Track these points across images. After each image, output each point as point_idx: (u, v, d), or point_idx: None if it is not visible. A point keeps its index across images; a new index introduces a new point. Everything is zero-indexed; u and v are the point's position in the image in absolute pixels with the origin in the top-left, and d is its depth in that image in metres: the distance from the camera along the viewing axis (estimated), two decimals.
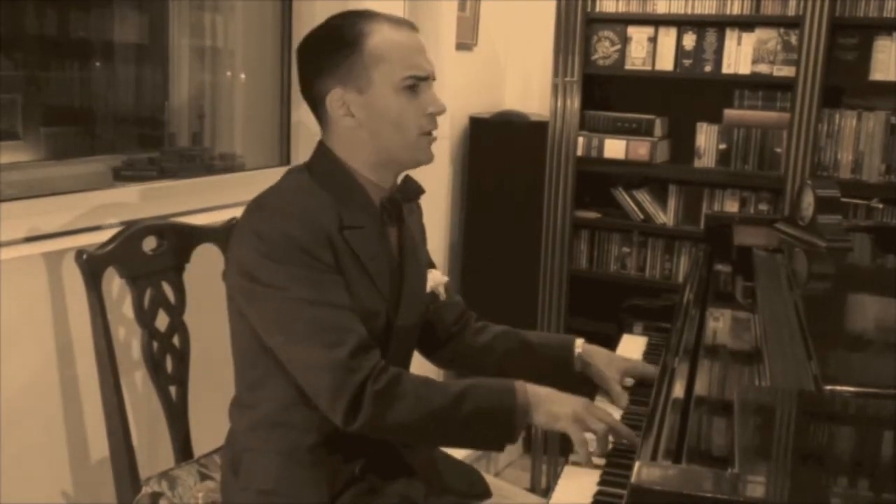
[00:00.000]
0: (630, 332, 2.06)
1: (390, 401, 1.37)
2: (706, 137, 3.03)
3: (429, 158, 1.53)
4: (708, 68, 2.98)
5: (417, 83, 1.47)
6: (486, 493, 1.65)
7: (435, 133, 1.52)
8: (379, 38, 1.45)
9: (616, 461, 1.40)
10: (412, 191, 1.59)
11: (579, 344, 1.70)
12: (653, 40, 3.04)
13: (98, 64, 2.35)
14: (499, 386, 1.44)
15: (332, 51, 1.47)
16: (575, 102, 3.08)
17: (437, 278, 1.66)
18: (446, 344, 1.73)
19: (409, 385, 1.39)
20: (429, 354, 1.76)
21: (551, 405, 1.43)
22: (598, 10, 3.08)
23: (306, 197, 1.46)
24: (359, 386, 1.36)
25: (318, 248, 1.40)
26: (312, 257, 1.39)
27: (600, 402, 1.63)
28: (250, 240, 1.41)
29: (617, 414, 1.57)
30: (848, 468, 1.01)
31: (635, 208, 3.16)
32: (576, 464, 1.39)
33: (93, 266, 1.66)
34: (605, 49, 3.10)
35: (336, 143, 1.51)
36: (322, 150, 1.53)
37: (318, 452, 1.48)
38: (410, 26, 1.51)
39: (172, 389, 1.79)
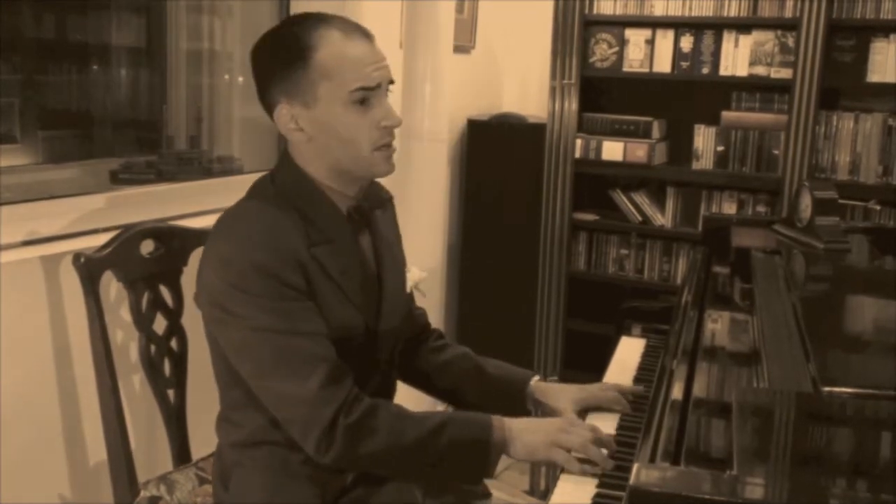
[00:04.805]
0: (628, 333, 2.05)
1: (363, 434, 1.34)
2: (704, 139, 3.03)
3: (387, 170, 1.45)
4: (705, 70, 2.99)
5: (368, 96, 1.40)
6: (485, 493, 1.64)
7: (394, 145, 1.45)
8: (327, 51, 1.39)
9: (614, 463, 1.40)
10: (380, 198, 1.55)
11: (534, 381, 1.62)
12: (650, 42, 3.05)
13: (96, 67, 2.35)
14: (476, 420, 1.41)
15: (280, 61, 1.41)
16: (573, 104, 3.08)
17: (415, 276, 1.62)
18: (400, 356, 1.65)
19: (383, 418, 1.36)
20: None
21: (526, 435, 1.39)
22: (595, 12, 3.08)
23: (272, 216, 1.41)
24: (331, 419, 1.33)
25: (288, 273, 1.36)
26: (282, 284, 1.36)
27: (594, 418, 1.57)
28: (217, 267, 1.39)
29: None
30: (846, 469, 1.01)
31: (633, 210, 3.16)
32: (570, 473, 1.38)
33: (90, 269, 1.66)
34: (602, 51, 3.10)
35: (295, 153, 1.47)
36: (285, 160, 1.48)
37: (307, 466, 1.45)
38: (363, 34, 1.43)
39: (170, 393, 1.79)
